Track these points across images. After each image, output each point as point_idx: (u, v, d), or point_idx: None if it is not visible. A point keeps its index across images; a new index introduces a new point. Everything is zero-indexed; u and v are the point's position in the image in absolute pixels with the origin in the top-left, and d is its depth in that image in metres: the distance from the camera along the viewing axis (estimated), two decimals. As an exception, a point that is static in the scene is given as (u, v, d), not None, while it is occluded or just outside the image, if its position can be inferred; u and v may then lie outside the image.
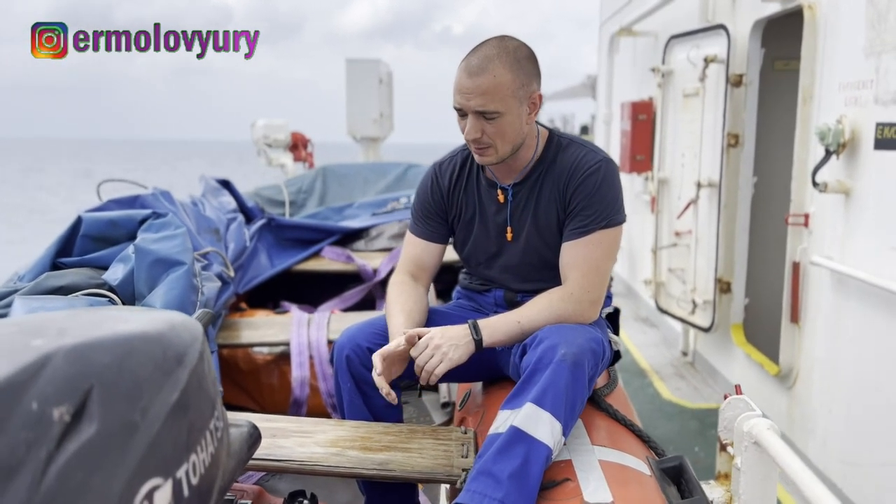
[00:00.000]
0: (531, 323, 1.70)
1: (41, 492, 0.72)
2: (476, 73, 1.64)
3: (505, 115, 1.67)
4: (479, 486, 1.41)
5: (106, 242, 2.14)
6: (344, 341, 1.82)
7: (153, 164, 52.49)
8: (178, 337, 0.97)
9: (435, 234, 1.95)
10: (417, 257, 1.95)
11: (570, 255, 1.75)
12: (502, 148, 1.72)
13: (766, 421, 1.47)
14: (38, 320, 0.89)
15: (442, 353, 1.65)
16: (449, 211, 1.93)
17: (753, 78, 4.14)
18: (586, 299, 1.72)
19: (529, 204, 1.82)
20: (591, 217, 1.73)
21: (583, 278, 1.72)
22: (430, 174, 1.95)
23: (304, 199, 4.05)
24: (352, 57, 8.50)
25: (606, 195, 1.73)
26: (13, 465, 0.71)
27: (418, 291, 1.90)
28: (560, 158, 1.79)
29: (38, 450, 0.73)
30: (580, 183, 1.74)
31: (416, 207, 1.97)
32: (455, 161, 1.93)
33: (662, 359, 5.38)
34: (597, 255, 1.73)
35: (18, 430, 0.72)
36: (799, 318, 3.51)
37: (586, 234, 1.73)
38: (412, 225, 1.98)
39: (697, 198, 4.55)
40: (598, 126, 7.96)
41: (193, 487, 0.92)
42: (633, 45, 6.53)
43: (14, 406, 0.73)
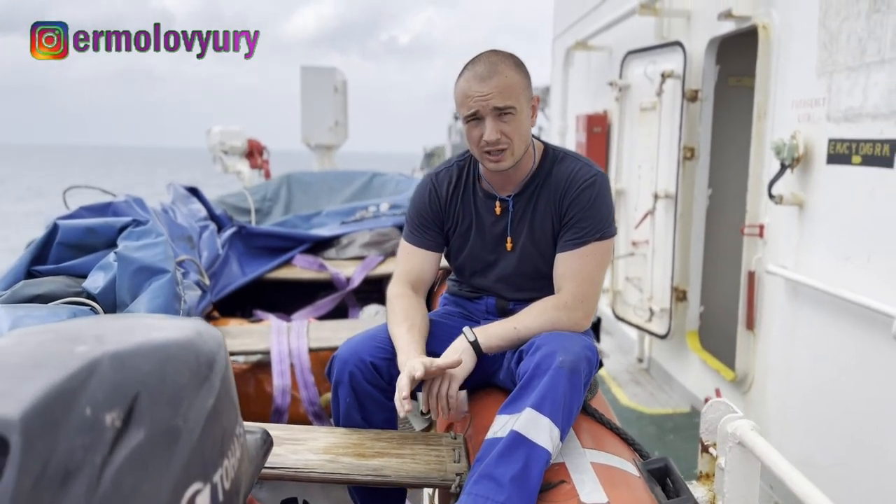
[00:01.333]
0: (527, 330, 1.74)
1: (98, 496, 0.72)
2: (488, 77, 1.70)
3: (519, 112, 1.72)
4: (481, 489, 1.44)
5: (83, 250, 2.10)
6: (347, 356, 1.80)
7: (90, 169, 50.93)
8: (205, 344, 0.97)
9: (432, 244, 1.96)
10: (416, 267, 1.96)
11: (564, 265, 1.80)
12: (518, 149, 1.76)
13: (749, 422, 1.53)
14: (72, 327, 0.88)
15: (447, 374, 1.68)
16: (446, 221, 1.95)
17: (708, 93, 4.30)
18: (580, 308, 1.77)
19: (526, 215, 1.86)
20: (586, 229, 1.78)
21: (577, 288, 1.77)
22: (427, 184, 1.97)
23: (269, 206, 4.03)
24: (306, 65, 8.45)
25: (601, 208, 1.79)
26: (71, 470, 0.71)
27: (421, 305, 1.91)
28: (556, 171, 1.84)
29: (94, 454, 0.73)
30: (576, 196, 1.79)
31: (412, 217, 1.98)
32: (451, 172, 1.95)
33: (619, 365, 5.51)
34: (590, 266, 1.78)
35: (75, 435, 0.72)
36: (754, 325, 3.65)
37: (581, 246, 1.78)
38: (408, 234, 1.99)
39: (654, 209, 4.69)
40: (552, 138, 8.10)
41: (226, 492, 0.93)
42: (588, 59, 6.69)
43: (70, 411, 0.73)
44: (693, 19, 4.46)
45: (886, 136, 2.62)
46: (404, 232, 2.01)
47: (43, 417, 0.70)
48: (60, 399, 0.73)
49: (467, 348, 1.72)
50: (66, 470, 0.71)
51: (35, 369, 0.75)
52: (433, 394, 1.69)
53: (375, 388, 1.79)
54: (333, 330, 2.52)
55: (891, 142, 2.60)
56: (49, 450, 0.70)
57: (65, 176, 39.70)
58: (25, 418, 0.69)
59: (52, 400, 0.72)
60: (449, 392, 1.67)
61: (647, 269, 4.85)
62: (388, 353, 1.79)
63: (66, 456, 0.71)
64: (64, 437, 0.72)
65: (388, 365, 1.79)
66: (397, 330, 1.81)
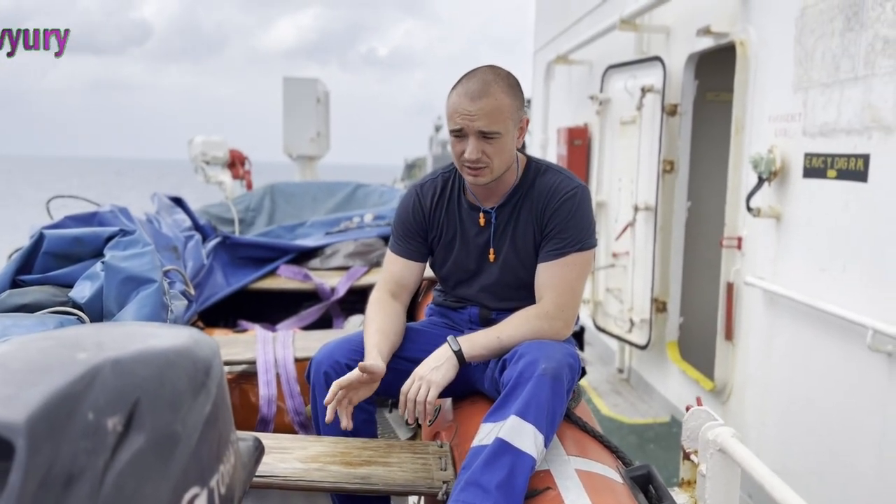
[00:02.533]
0: (510, 338, 1.77)
1: (100, 499, 0.74)
2: (478, 97, 1.73)
3: (504, 136, 1.76)
4: (467, 496, 1.46)
5: (69, 260, 2.10)
6: (322, 358, 1.85)
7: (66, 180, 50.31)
8: (202, 351, 0.99)
9: (415, 253, 2.00)
10: (398, 275, 1.99)
11: (545, 275, 1.84)
12: (498, 168, 1.80)
13: (730, 429, 1.57)
14: (71, 334, 0.90)
15: (427, 381, 1.70)
16: (430, 231, 1.99)
17: (687, 108, 4.38)
18: (560, 317, 1.80)
19: (509, 226, 1.89)
20: (567, 240, 1.82)
21: (558, 298, 1.81)
22: (412, 195, 2.00)
23: (252, 217, 4.03)
24: (287, 75, 8.46)
25: (581, 220, 1.83)
26: (75, 473, 0.72)
27: (396, 310, 1.94)
28: (538, 183, 1.88)
29: (97, 458, 0.75)
30: (557, 207, 1.83)
31: (396, 227, 2.02)
32: (436, 183, 1.99)
33: (599, 375, 5.55)
34: (571, 277, 1.82)
35: (78, 439, 0.74)
36: (733, 335, 3.71)
37: (561, 256, 1.82)
38: (393, 244, 2.03)
39: (634, 220, 4.75)
40: (533, 151, 8.18)
41: (222, 497, 0.95)
42: (569, 73, 6.77)
43: (73, 416, 0.74)
44: (672, 35, 4.54)
45: (860, 150, 2.69)
46: (390, 241, 2.05)
47: (47, 422, 0.72)
48: (64, 404, 0.74)
49: (451, 357, 1.75)
50: (70, 473, 0.72)
51: (38, 375, 0.77)
52: (410, 398, 1.70)
53: None
54: (319, 339, 2.53)
55: (864, 156, 2.67)
56: (53, 453, 0.72)
57: (44, 187, 39.30)
58: (30, 422, 0.70)
59: (56, 405, 0.73)
60: (428, 399, 1.68)
61: (628, 280, 4.90)
62: (362, 356, 1.82)
63: (69, 460, 0.72)
64: (67, 441, 0.73)
65: None
66: (366, 333, 1.85)
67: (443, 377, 1.72)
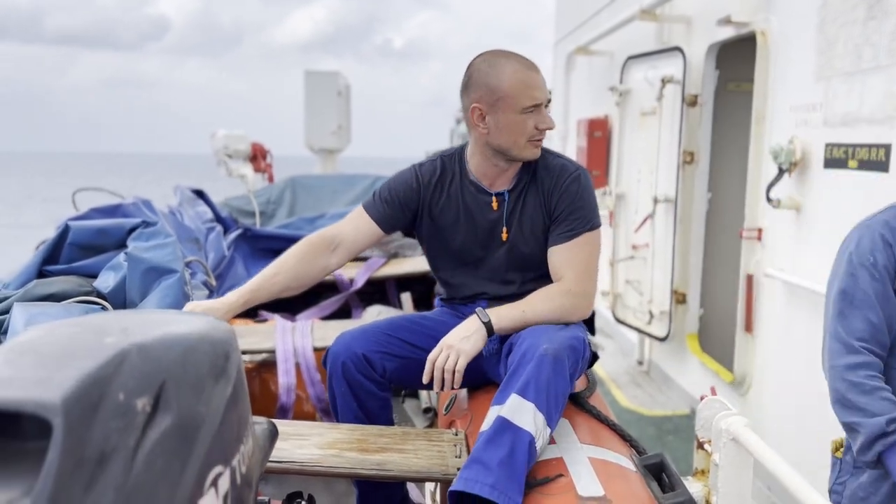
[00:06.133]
0: (534, 313, 1.81)
1: (132, 476, 0.77)
2: (536, 70, 1.83)
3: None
4: (470, 473, 1.50)
5: (93, 251, 2.15)
6: (339, 348, 1.88)
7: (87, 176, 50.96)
8: (220, 337, 1.03)
9: (387, 220, 1.97)
10: (351, 229, 1.97)
11: (561, 256, 1.88)
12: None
13: (743, 419, 1.58)
14: (96, 320, 0.93)
15: (456, 350, 1.73)
16: (422, 210, 1.97)
17: (708, 98, 4.35)
18: (582, 294, 1.85)
19: (517, 209, 1.92)
20: (578, 220, 1.87)
21: (577, 276, 1.85)
22: (411, 170, 2.00)
23: (273, 209, 4.08)
24: (308, 69, 8.50)
25: (588, 200, 1.89)
26: (108, 451, 0.76)
27: (317, 261, 1.92)
28: (542, 166, 1.92)
29: (128, 437, 0.78)
30: (564, 189, 1.88)
31: (383, 191, 1.99)
32: (435, 165, 1.99)
33: (619, 367, 5.55)
34: (586, 256, 1.87)
35: (110, 419, 0.77)
36: (753, 327, 3.69)
37: (574, 237, 1.87)
38: (369, 202, 2.00)
39: (654, 212, 4.74)
40: (553, 142, 8.17)
41: (243, 476, 0.99)
42: (589, 64, 6.74)
43: (105, 396, 0.78)
44: (693, 25, 4.51)
45: (882, 140, 2.67)
46: (366, 200, 2.02)
47: (82, 402, 0.75)
48: (96, 385, 0.77)
49: (480, 328, 1.78)
50: (103, 451, 0.76)
51: (69, 358, 0.80)
52: (438, 366, 1.73)
53: (368, 379, 1.86)
54: (337, 329, 2.55)
55: (886, 146, 2.64)
56: (88, 432, 0.75)
57: (66, 182, 39.88)
58: (66, 402, 0.73)
59: (89, 386, 0.77)
60: (457, 367, 1.71)
61: (647, 272, 4.89)
62: (380, 347, 1.87)
63: (103, 438, 0.76)
64: (100, 420, 0.76)
65: (381, 358, 1.87)
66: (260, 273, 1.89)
67: (472, 347, 1.74)
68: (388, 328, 1.95)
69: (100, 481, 0.74)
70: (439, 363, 1.73)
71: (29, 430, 0.74)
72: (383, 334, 1.91)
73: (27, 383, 0.74)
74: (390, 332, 1.92)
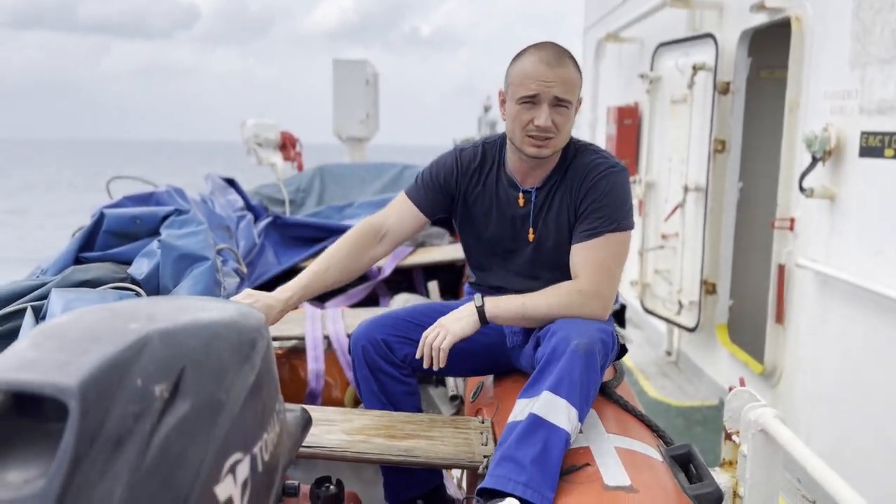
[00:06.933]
0: (535, 307, 1.76)
1: (147, 460, 0.79)
2: (556, 65, 1.73)
3: (571, 108, 1.77)
4: (503, 471, 1.49)
5: (127, 238, 2.20)
6: (360, 333, 1.91)
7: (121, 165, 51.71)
8: (248, 324, 1.04)
9: (429, 206, 1.98)
10: (395, 217, 1.98)
11: (580, 256, 1.81)
12: (560, 142, 1.80)
13: (772, 410, 1.56)
14: (127, 306, 0.95)
15: (445, 329, 1.74)
16: (459, 196, 1.96)
17: (740, 86, 4.28)
18: (594, 296, 1.76)
19: (545, 207, 1.88)
20: (601, 220, 1.79)
21: (592, 277, 1.77)
22: (452, 155, 1.98)
23: (302, 198, 4.11)
24: (336, 57, 8.52)
25: (616, 199, 1.80)
26: (123, 435, 0.78)
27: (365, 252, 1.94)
28: (575, 163, 1.86)
29: (144, 422, 0.80)
30: (591, 186, 1.81)
31: (424, 176, 1.99)
32: (477, 151, 1.96)
33: (647, 358, 5.51)
34: (605, 257, 1.79)
35: (127, 404, 0.79)
36: (784, 318, 3.64)
37: (595, 237, 1.79)
38: (412, 188, 2.00)
39: (684, 201, 4.68)
40: (581, 130, 8.10)
41: (265, 463, 1.00)
42: (619, 51, 6.66)
43: (122, 381, 0.80)
44: (725, 11, 4.43)
45: (920, 128, 2.60)
46: (409, 186, 2.03)
47: (98, 386, 0.77)
48: (114, 370, 0.79)
49: (472, 312, 1.77)
50: (119, 435, 0.78)
51: (92, 343, 0.82)
52: (427, 343, 1.74)
53: (389, 364, 1.88)
54: (366, 317, 2.58)
55: (924, 134, 2.58)
56: (103, 416, 0.77)
57: (99, 170, 40.58)
58: (83, 386, 0.75)
59: (107, 371, 0.79)
60: (442, 346, 1.72)
61: (677, 261, 4.84)
62: (401, 332, 1.88)
63: (118, 422, 0.78)
64: (117, 405, 0.78)
65: (401, 343, 1.88)
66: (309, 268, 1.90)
67: (461, 329, 1.74)
68: (408, 315, 1.96)
69: (115, 464, 0.76)
70: (428, 340, 1.75)
71: (49, 412, 0.76)
72: (403, 321, 1.93)
73: (48, 367, 0.77)
74: (410, 319, 1.93)
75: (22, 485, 0.72)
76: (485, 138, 2.00)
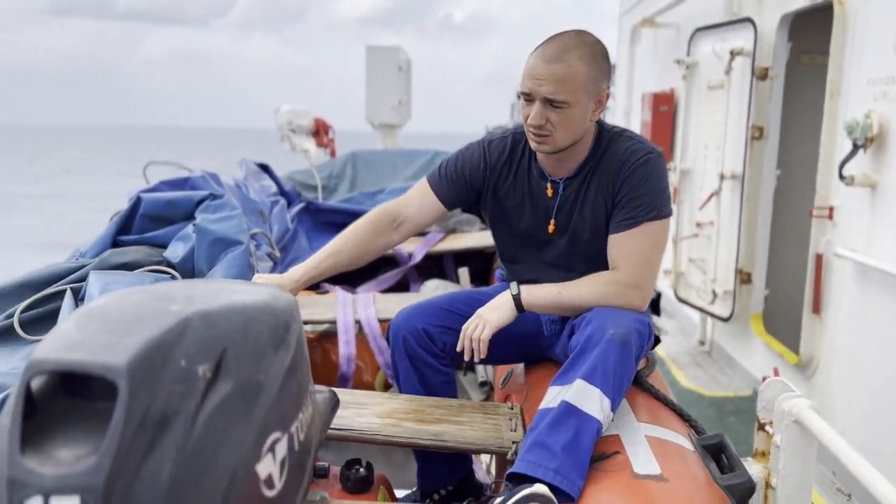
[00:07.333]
0: (571, 297, 1.75)
1: (192, 438, 0.81)
2: (552, 60, 1.66)
3: (572, 107, 1.68)
4: (534, 456, 1.50)
5: (163, 222, 2.24)
6: (400, 323, 1.90)
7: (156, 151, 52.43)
8: (281, 307, 1.06)
9: (450, 197, 1.94)
10: (415, 205, 1.95)
11: (618, 246, 1.78)
12: (562, 140, 1.73)
13: (807, 400, 1.54)
14: (163, 289, 0.97)
15: (483, 320, 1.75)
16: (488, 190, 1.92)
17: (779, 71, 4.19)
18: (633, 287, 1.74)
19: (578, 198, 1.83)
20: (640, 208, 1.75)
21: (632, 268, 1.74)
22: (479, 146, 1.94)
23: (335, 184, 4.13)
24: (369, 44, 8.51)
25: (655, 187, 1.76)
26: (169, 414, 0.80)
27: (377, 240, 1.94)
28: (610, 151, 1.81)
29: (189, 401, 0.82)
30: (629, 174, 1.76)
31: (448, 166, 1.94)
32: (505, 142, 1.92)
33: (679, 347, 5.46)
34: (645, 247, 1.75)
35: (172, 383, 0.81)
36: (821, 309, 3.58)
37: (634, 226, 1.75)
38: (434, 177, 1.96)
39: (720, 189, 4.61)
40: (616, 117, 8.01)
41: (301, 443, 1.02)
42: (655, 37, 6.56)
43: (167, 362, 0.82)
44: (765, -5, 4.34)
45: (966, 115, 2.53)
46: (431, 173, 1.98)
47: (145, 366, 0.79)
48: (159, 351, 0.81)
49: (509, 300, 1.77)
50: (165, 414, 0.80)
51: (135, 324, 0.84)
52: (467, 335, 1.75)
53: (429, 353, 1.87)
54: (397, 302, 2.60)
55: (971, 121, 2.51)
56: (150, 395, 0.79)
57: (135, 156, 41.23)
58: (131, 366, 0.77)
59: (152, 351, 0.81)
60: (482, 336, 1.73)
61: (712, 250, 4.78)
62: (440, 321, 1.87)
63: (164, 401, 0.80)
64: (163, 384, 0.80)
65: (441, 332, 1.87)
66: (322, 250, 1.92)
67: (498, 318, 1.74)
68: (446, 303, 1.95)
69: (161, 442, 0.78)
70: (468, 332, 1.75)
71: (97, 392, 0.78)
72: (442, 309, 1.91)
73: (95, 347, 0.79)
74: (448, 307, 1.92)
75: (74, 461, 0.74)
76: (514, 128, 1.95)
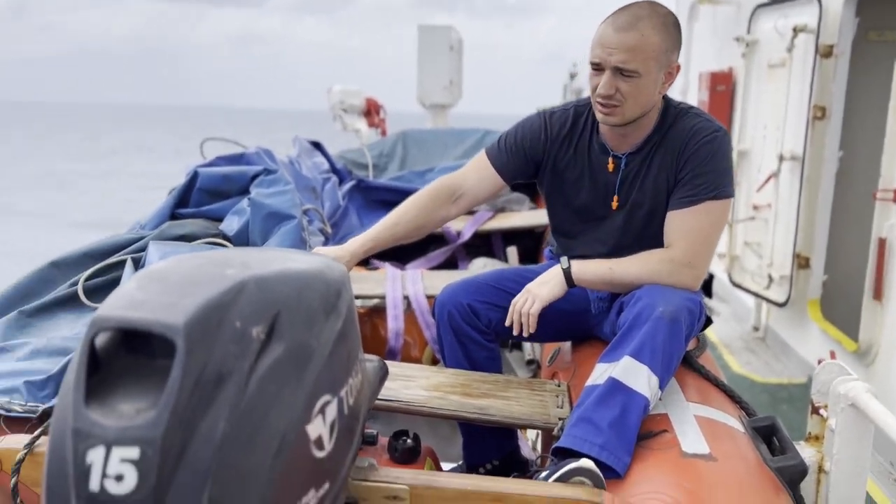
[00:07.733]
0: (622, 273, 1.73)
1: (245, 398, 0.84)
2: (624, 29, 1.64)
3: (643, 77, 1.66)
4: (580, 431, 1.50)
5: (219, 196, 2.30)
6: (445, 298, 1.91)
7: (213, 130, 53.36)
8: (333, 276, 1.08)
9: (510, 170, 1.92)
10: (478, 180, 1.93)
11: (676, 223, 1.75)
12: (630, 111, 1.71)
13: (864, 384, 1.50)
14: (220, 255, 1.00)
15: (533, 294, 1.74)
16: (547, 162, 1.90)
17: (845, 49, 4.03)
18: (687, 266, 1.71)
19: (640, 173, 1.81)
20: (701, 186, 1.72)
21: (688, 246, 1.71)
22: (539, 118, 1.91)
23: (385, 162, 4.16)
24: (421, 23, 8.50)
25: (718, 165, 1.73)
26: (224, 374, 0.82)
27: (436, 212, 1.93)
28: (675, 127, 1.78)
29: (243, 362, 0.85)
30: (694, 151, 1.73)
31: (508, 139, 1.93)
32: (567, 115, 1.89)
33: (732, 332, 5.35)
34: (703, 226, 1.72)
35: (227, 343, 0.84)
36: (882, 295, 3.46)
37: (695, 204, 1.72)
38: (493, 150, 1.94)
39: (779, 171, 4.49)
40: (672, 96, 7.86)
41: (350, 407, 1.04)
42: (714, 14, 6.39)
43: (223, 322, 0.84)
44: (831, -31, 4.17)
45: None
46: (490, 146, 1.96)
47: (202, 325, 0.82)
48: (216, 311, 0.84)
49: (559, 274, 1.76)
50: (220, 373, 0.82)
51: (193, 287, 0.87)
52: (516, 310, 1.75)
53: (474, 329, 1.88)
54: (445, 279, 2.61)
55: None
56: (206, 354, 0.82)
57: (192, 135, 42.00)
58: (188, 325, 0.80)
59: (209, 312, 0.83)
60: (531, 311, 1.72)
61: (768, 234, 4.66)
62: (486, 297, 1.88)
63: (220, 361, 0.83)
64: (218, 344, 0.83)
65: (487, 308, 1.88)
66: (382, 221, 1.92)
67: (549, 292, 1.74)
68: (493, 280, 1.95)
69: (217, 399, 0.81)
70: (518, 307, 1.75)
71: (157, 349, 0.81)
72: (488, 286, 1.92)
73: (156, 307, 0.82)
74: (495, 284, 1.93)
75: (134, 414, 0.77)
76: (576, 101, 1.93)
